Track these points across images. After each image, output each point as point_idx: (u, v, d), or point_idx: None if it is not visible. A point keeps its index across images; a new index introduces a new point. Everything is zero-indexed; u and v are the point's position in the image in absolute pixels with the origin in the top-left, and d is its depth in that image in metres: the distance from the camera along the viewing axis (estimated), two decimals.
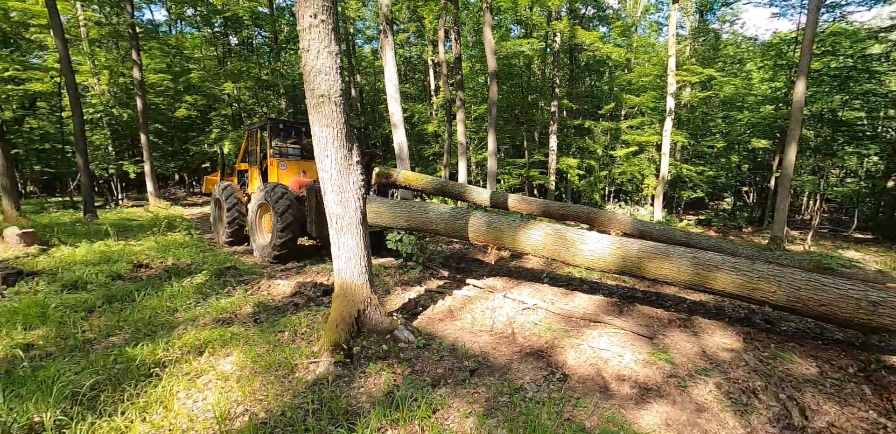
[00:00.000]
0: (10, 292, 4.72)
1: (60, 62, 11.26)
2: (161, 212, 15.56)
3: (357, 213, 3.29)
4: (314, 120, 3.12)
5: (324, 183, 3.27)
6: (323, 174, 3.24)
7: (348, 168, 3.22)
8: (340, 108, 3.11)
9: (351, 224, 3.29)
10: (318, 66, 3.02)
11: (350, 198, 3.25)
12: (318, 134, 3.14)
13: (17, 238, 6.95)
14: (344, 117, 3.14)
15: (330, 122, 3.10)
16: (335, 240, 3.37)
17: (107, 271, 5.56)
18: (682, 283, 3.97)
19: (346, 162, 3.20)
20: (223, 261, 6.29)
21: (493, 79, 12.47)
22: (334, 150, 3.15)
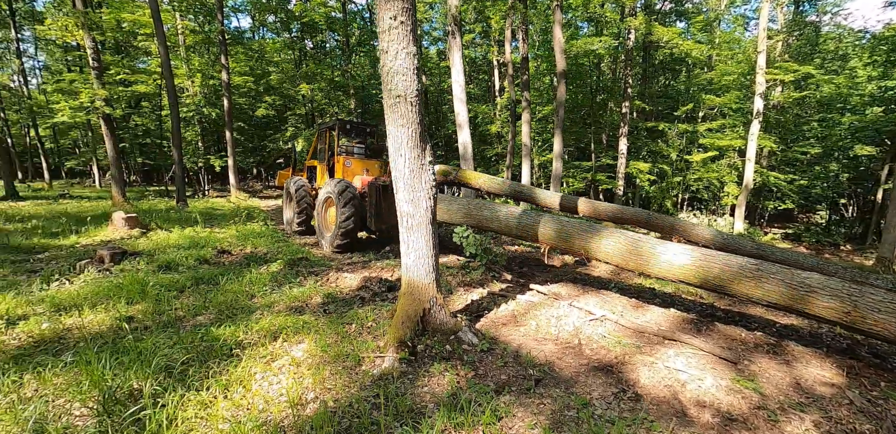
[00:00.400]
0: (116, 269, 5.31)
1: (162, 66, 12.58)
2: (241, 203, 16.86)
3: (427, 212, 3.29)
4: (390, 119, 3.16)
5: (396, 181, 3.31)
6: (395, 173, 3.28)
7: (421, 168, 3.23)
8: (416, 109, 3.13)
9: (421, 223, 3.30)
10: (395, 67, 3.06)
11: (421, 197, 3.26)
12: (393, 133, 3.18)
13: (123, 221, 7.83)
14: (419, 118, 3.15)
15: (405, 122, 3.13)
16: (404, 238, 3.40)
17: (195, 255, 6.08)
18: (772, 304, 3.58)
19: (419, 161, 3.21)
20: (295, 252, 6.64)
21: (562, 79, 12.10)
22: (408, 149, 3.18)
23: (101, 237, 7.63)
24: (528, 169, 14.28)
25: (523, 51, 14.25)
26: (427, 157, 3.25)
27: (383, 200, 6.69)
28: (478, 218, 5.77)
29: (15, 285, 4.75)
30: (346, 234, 6.78)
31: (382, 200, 6.70)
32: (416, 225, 3.31)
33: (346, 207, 6.64)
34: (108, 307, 4.10)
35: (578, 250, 4.81)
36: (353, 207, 6.65)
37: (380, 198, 6.72)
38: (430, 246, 3.37)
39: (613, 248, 4.41)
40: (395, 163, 3.25)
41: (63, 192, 18.48)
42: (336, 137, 8.10)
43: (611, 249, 4.43)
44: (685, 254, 3.99)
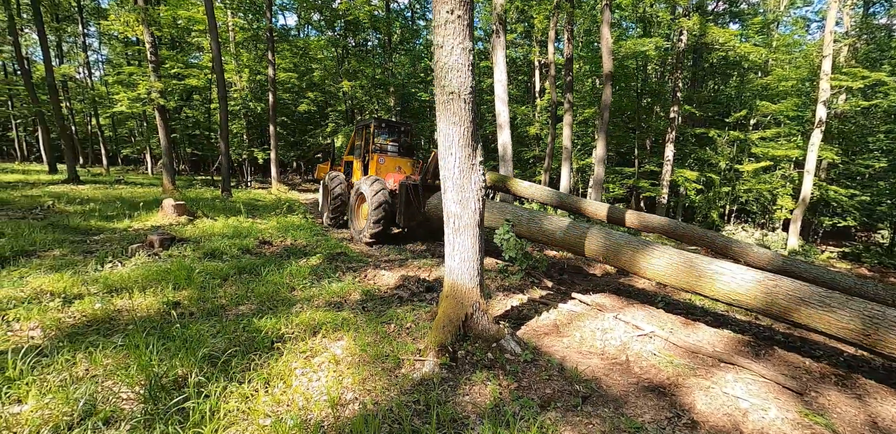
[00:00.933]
0: (164, 254, 5.49)
1: (213, 61, 13.04)
2: (281, 195, 17.32)
3: (475, 214, 3.17)
4: (441, 116, 3.06)
5: (444, 181, 3.20)
6: (444, 172, 3.17)
7: (471, 168, 3.11)
8: (469, 107, 3.01)
9: (468, 225, 3.18)
10: (450, 62, 2.95)
11: (470, 198, 3.14)
12: (445, 131, 3.07)
13: (172, 208, 8.14)
14: (472, 116, 3.03)
15: (458, 120, 3.01)
16: (450, 239, 3.29)
17: (238, 245, 6.21)
18: (844, 337, 3.26)
19: (470, 161, 3.09)
20: (334, 246, 6.68)
21: (608, 81, 11.68)
22: (459, 148, 3.06)
23: (152, 222, 7.95)
24: (567, 173, 13.91)
25: (568, 52, 13.87)
26: (478, 156, 3.12)
27: (413, 199, 6.99)
28: (523, 226, 5.64)
29: (72, 265, 4.98)
30: (376, 229, 7.09)
31: (413, 199, 6.99)
32: (463, 226, 3.19)
33: (377, 204, 6.92)
34: (156, 291, 4.21)
35: (627, 266, 4.61)
36: (383, 207, 6.93)
37: (409, 196, 6.98)
38: (476, 249, 3.25)
39: (666, 266, 4.20)
40: (444, 162, 3.14)
41: (119, 178, 19.56)
42: (372, 135, 8.37)
43: (663, 267, 4.22)
44: (747, 277, 3.73)
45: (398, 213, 7.06)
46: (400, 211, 7.02)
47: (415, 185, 7.04)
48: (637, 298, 5.59)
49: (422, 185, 7.13)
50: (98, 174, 22.81)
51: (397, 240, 8.05)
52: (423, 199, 7.08)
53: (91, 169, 27.68)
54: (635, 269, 4.51)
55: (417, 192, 7.04)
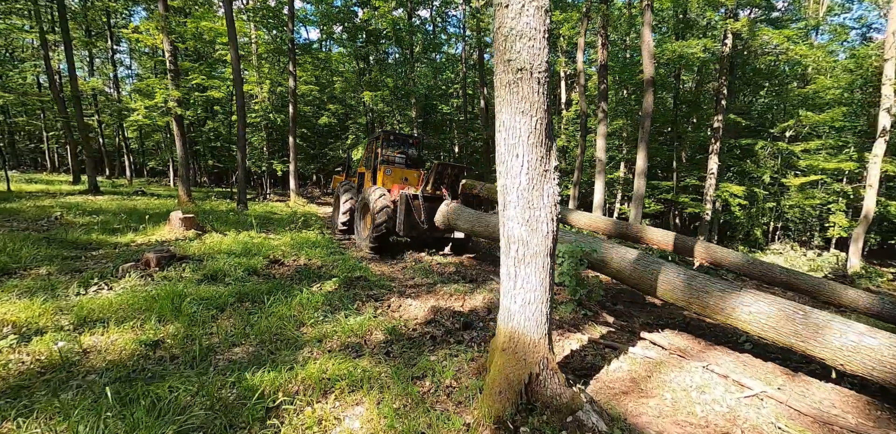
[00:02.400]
0: (159, 276, 4.76)
1: (233, 71, 12.67)
2: (298, 208, 16.77)
3: (547, 239, 2.30)
4: (504, 103, 2.23)
5: (505, 193, 2.34)
6: (506, 181, 2.32)
7: (543, 175, 2.26)
8: (542, 89, 2.19)
9: (538, 254, 2.31)
10: (518, 26, 2.13)
11: (542, 217, 2.28)
12: (508, 124, 2.24)
13: (180, 222, 7.51)
14: (546, 104, 2.20)
15: (528, 107, 2.18)
16: (510, 272, 2.42)
17: (245, 265, 5.46)
18: None
19: (542, 166, 2.25)
20: (353, 268, 5.87)
21: (650, 87, 10.78)
22: (528, 147, 2.22)
23: (158, 237, 7.33)
24: (601, 187, 12.93)
25: (602, 58, 13.06)
26: (552, 160, 2.27)
27: (412, 209, 7.15)
28: (592, 256, 4.83)
29: (53, 287, 4.29)
30: (378, 238, 7.24)
31: (411, 209, 7.14)
32: (530, 256, 2.32)
33: (379, 214, 7.07)
34: (136, 325, 3.45)
35: (712, 313, 3.78)
36: (385, 214, 7.07)
37: (408, 207, 7.12)
38: (545, 287, 2.37)
39: (765, 316, 3.40)
40: (505, 166, 2.29)
41: (139, 189, 19.42)
42: (380, 147, 8.71)
43: (761, 318, 3.39)
44: (875, 336, 2.86)
45: (398, 222, 7.16)
46: (400, 220, 7.12)
47: (414, 195, 7.21)
48: (714, 336, 4.61)
49: (421, 195, 7.24)
50: (120, 185, 22.84)
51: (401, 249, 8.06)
52: (423, 209, 7.19)
53: (116, 180, 27.94)
54: (723, 316, 3.73)
55: (418, 202, 7.19)
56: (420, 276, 6.11)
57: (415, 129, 21.78)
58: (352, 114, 29.27)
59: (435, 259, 7.38)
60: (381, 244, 7.39)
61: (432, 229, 7.25)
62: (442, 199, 7.27)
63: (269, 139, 23.94)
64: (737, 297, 3.62)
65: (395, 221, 7.17)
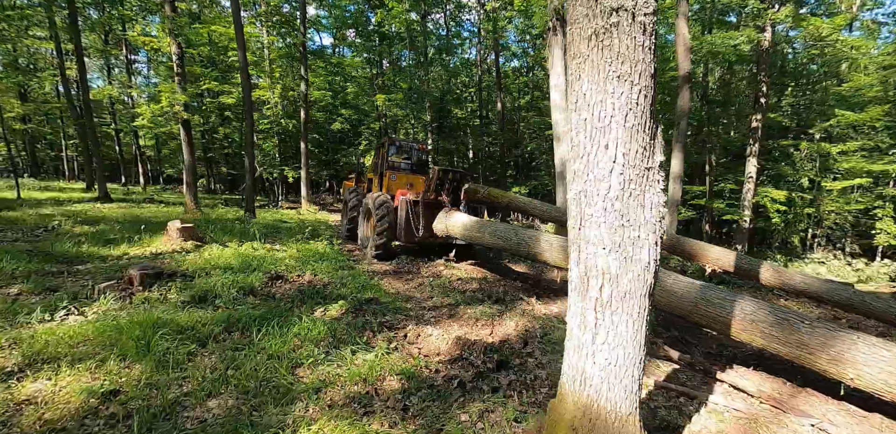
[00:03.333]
0: (139, 298, 4.11)
1: (241, 73, 12.18)
2: (310, 216, 16.23)
3: (648, 273, 1.55)
4: (585, 65, 1.50)
5: (583, 203, 1.59)
6: (586, 186, 1.56)
7: (644, 176, 1.52)
8: (650, 43, 1.44)
9: (631, 295, 1.56)
10: None
11: (640, 240, 1.53)
12: (592, 97, 1.49)
13: (177, 232, 6.93)
14: (653, 65, 1.45)
15: (628, 70, 1.44)
16: (586, 319, 1.66)
17: (241, 283, 4.80)
18: None
19: (643, 162, 1.51)
20: (363, 286, 5.15)
21: (686, 84, 9.93)
22: (626, 133, 1.47)
23: (153, 248, 6.75)
24: None
25: None
26: (657, 153, 1.52)
27: (413, 215, 7.02)
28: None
29: (15, 312, 3.68)
30: (380, 245, 7.17)
31: (412, 215, 7.01)
32: (619, 297, 1.56)
33: (381, 220, 6.99)
34: (94, 365, 2.78)
35: (818, 362, 2.94)
36: (387, 220, 6.99)
37: (409, 213, 7.00)
38: (639, 342, 1.61)
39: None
40: (586, 162, 1.55)
41: (150, 196, 19.18)
42: (386, 153, 8.73)
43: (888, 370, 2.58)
44: None
45: (399, 228, 7.07)
46: (400, 226, 7.03)
47: (415, 201, 7.05)
48: (794, 372, 3.75)
49: (422, 201, 7.06)
50: (133, 193, 22.71)
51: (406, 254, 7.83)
52: (424, 215, 7.02)
53: (131, 187, 27.95)
54: (831, 369, 2.88)
55: (418, 208, 7.04)
56: (439, 294, 5.36)
57: (429, 133, 21.20)
58: (365, 119, 28.91)
59: (454, 273, 6.63)
60: (385, 250, 7.29)
61: (433, 235, 7.01)
62: (443, 206, 6.97)
63: (282, 145, 23.63)
64: (846, 342, 2.83)
65: (396, 228, 7.08)
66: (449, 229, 6.53)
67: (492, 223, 5.90)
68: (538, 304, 5.38)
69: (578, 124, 1.52)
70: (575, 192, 1.57)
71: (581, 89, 1.49)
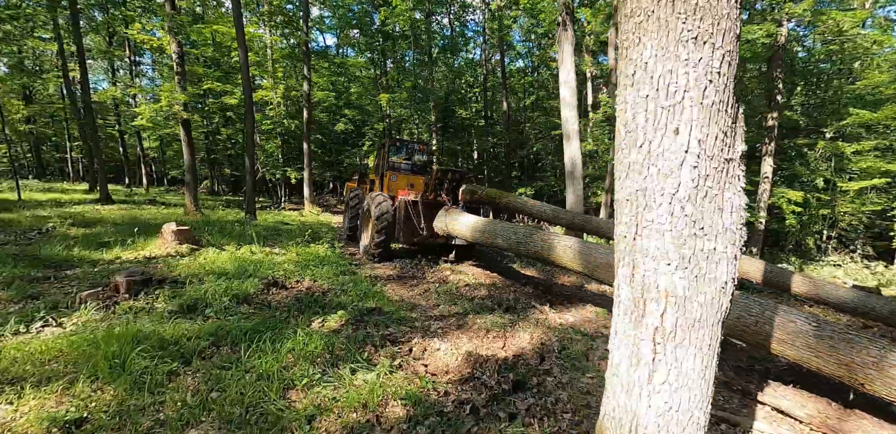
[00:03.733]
0: (123, 307, 3.80)
1: (242, 73, 11.90)
2: (312, 217, 15.96)
3: (723, 295, 1.23)
4: (651, 20, 1.17)
5: (639, 204, 1.25)
6: (646, 182, 1.23)
7: (723, 171, 1.18)
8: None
9: (702, 323, 1.24)
10: None
11: (717, 253, 1.20)
12: (656, 67, 1.16)
13: (172, 235, 6.64)
14: (739, 22, 1.12)
15: (707, 29, 1.11)
16: (639, 350, 1.32)
17: (235, 290, 4.49)
18: None
19: (723, 151, 1.17)
20: (365, 293, 4.83)
21: None
22: (703, 112, 1.14)
23: (147, 252, 6.47)
24: None
25: None
26: (739, 141, 1.19)
27: (413, 215, 6.91)
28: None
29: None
30: (379, 245, 7.06)
31: (410, 216, 6.91)
32: (686, 325, 1.23)
33: (379, 220, 6.85)
34: (60, 387, 2.47)
35: (872, 385, 2.57)
36: (385, 221, 6.86)
37: (408, 213, 6.91)
38: (707, 379, 1.27)
39: None
40: (646, 151, 1.21)
41: (152, 198, 18.99)
42: (386, 153, 8.74)
43: None
44: None
45: (397, 229, 7.01)
46: (400, 227, 6.97)
47: (414, 201, 6.97)
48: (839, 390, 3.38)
49: (422, 201, 6.99)
50: (135, 194, 22.56)
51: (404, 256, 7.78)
52: (424, 215, 6.91)
53: (134, 189, 27.83)
54: (882, 389, 2.50)
55: (417, 208, 6.94)
56: (446, 302, 5.03)
57: (434, 133, 20.90)
58: (368, 120, 28.66)
59: (461, 278, 6.29)
60: (383, 249, 7.19)
61: (433, 236, 6.99)
62: (442, 205, 7.00)
63: (285, 146, 23.40)
64: None
65: (395, 228, 7.02)
66: (448, 228, 6.39)
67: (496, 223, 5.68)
68: (552, 312, 5.04)
69: (636, 104, 1.19)
70: (628, 191, 1.24)
71: (641, 57, 1.16)
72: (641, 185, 1.20)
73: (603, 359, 3.56)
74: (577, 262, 4.38)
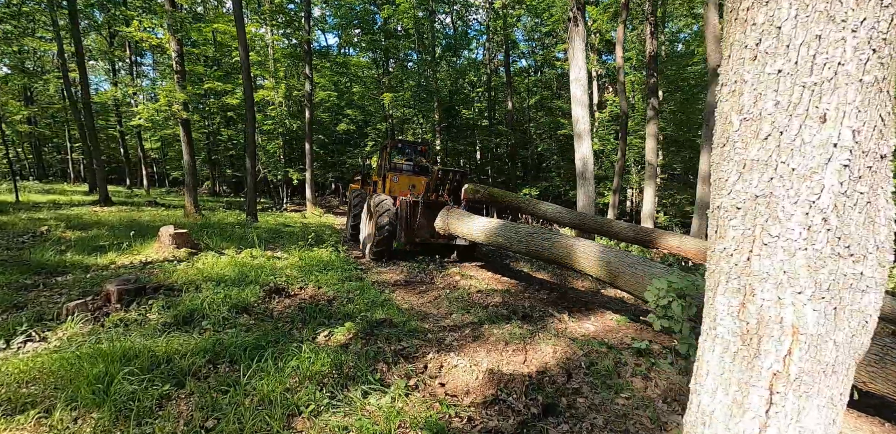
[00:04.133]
0: (113, 318, 3.52)
1: (242, 72, 11.64)
2: (315, 219, 15.70)
3: (865, 332, 0.95)
4: None
5: (764, 211, 0.95)
6: (776, 183, 0.92)
7: (876, 169, 0.87)
8: None
9: (838, 367, 0.95)
10: None
11: (865, 278, 0.91)
12: (799, 30, 0.87)
13: (170, 238, 6.37)
14: None
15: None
16: (753, 402, 1.02)
17: (235, 299, 4.21)
18: None
19: (878, 145, 0.86)
20: (373, 301, 4.54)
21: (716, 77, 9.24)
22: (861, 92, 0.84)
23: (143, 256, 6.20)
24: (651, 195, 11.41)
25: (651, 48, 11.62)
26: (892, 132, 0.90)
27: (412, 216, 7.00)
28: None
29: None
30: (380, 244, 7.15)
31: (411, 216, 6.99)
32: (817, 369, 0.94)
33: (380, 218, 6.96)
34: (35, 416, 2.19)
35: None
36: (387, 224, 6.96)
37: (409, 214, 6.99)
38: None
39: None
40: (774, 144, 0.91)
41: (152, 199, 18.75)
42: (388, 155, 8.83)
43: None
44: None
45: (398, 229, 7.07)
46: (400, 228, 7.04)
47: (415, 202, 7.06)
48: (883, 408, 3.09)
49: (422, 201, 7.07)
50: (135, 195, 22.34)
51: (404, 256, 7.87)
52: (424, 215, 7.00)
53: (135, 190, 27.63)
54: None
55: (417, 208, 7.02)
56: (458, 310, 4.75)
57: (437, 133, 20.60)
58: (371, 120, 28.39)
59: (472, 284, 6.01)
60: (384, 250, 7.31)
61: (434, 236, 7.06)
62: (444, 205, 6.96)
63: (287, 147, 23.15)
64: None
65: (396, 228, 7.09)
66: (450, 227, 6.32)
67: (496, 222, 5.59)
68: (571, 321, 4.75)
69: (760, 83, 0.90)
70: (741, 197, 0.95)
71: (772, 19, 0.87)
72: (764, 190, 0.91)
73: (635, 376, 3.27)
74: (596, 267, 4.10)
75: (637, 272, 3.79)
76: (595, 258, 4.15)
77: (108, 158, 38.70)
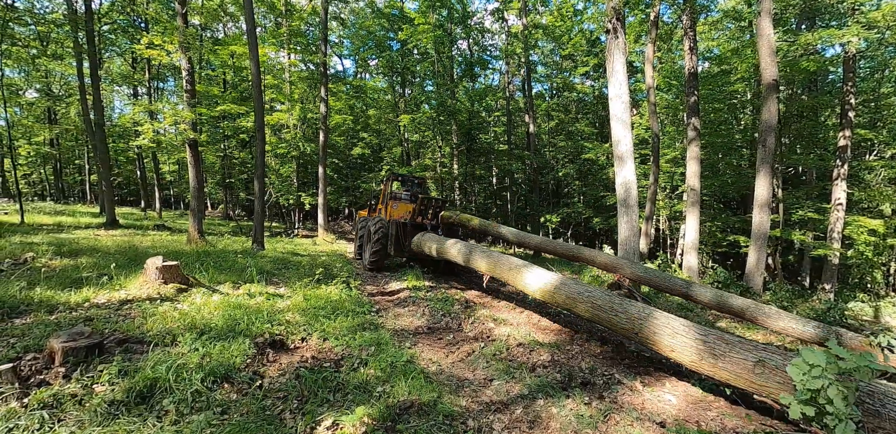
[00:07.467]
0: (41, 396, 2.57)
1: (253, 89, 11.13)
2: (326, 246, 14.86)
3: None
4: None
5: None
6: None
7: None
8: None
9: None
10: None
11: None
12: None
13: (156, 272, 5.50)
14: None
15: None
16: None
17: (216, 359, 3.25)
18: None
19: None
20: (392, 364, 3.50)
21: (772, 93, 8.33)
22: None
23: (124, 292, 5.32)
24: (695, 223, 10.28)
25: (690, 64, 10.84)
26: None
27: (401, 234, 8.53)
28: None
29: None
30: (375, 254, 8.77)
31: (401, 234, 8.53)
32: None
33: (375, 240, 8.66)
34: None
35: None
36: (380, 240, 8.62)
37: (398, 232, 8.56)
38: None
39: None
40: None
41: (161, 223, 18.21)
42: (388, 185, 10.34)
43: None
44: None
45: (389, 244, 8.59)
46: (391, 243, 8.56)
47: (403, 223, 8.61)
48: None
49: (410, 223, 8.62)
50: (147, 218, 21.90)
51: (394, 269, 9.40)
52: (411, 234, 8.53)
53: (149, 212, 27.33)
54: None
55: (405, 228, 8.56)
56: (499, 374, 3.70)
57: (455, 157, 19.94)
58: (386, 145, 28.04)
59: (509, 333, 4.95)
60: (379, 261, 8.86)
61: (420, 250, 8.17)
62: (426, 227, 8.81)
63: (301, 171, 22.71)
64: None
65: (387, 243, 8.60)
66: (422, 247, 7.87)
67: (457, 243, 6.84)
68: (645, 390, 3.67)
69: None
70: None
71: None
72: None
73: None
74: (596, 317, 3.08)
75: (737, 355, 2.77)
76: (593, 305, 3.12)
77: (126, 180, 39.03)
